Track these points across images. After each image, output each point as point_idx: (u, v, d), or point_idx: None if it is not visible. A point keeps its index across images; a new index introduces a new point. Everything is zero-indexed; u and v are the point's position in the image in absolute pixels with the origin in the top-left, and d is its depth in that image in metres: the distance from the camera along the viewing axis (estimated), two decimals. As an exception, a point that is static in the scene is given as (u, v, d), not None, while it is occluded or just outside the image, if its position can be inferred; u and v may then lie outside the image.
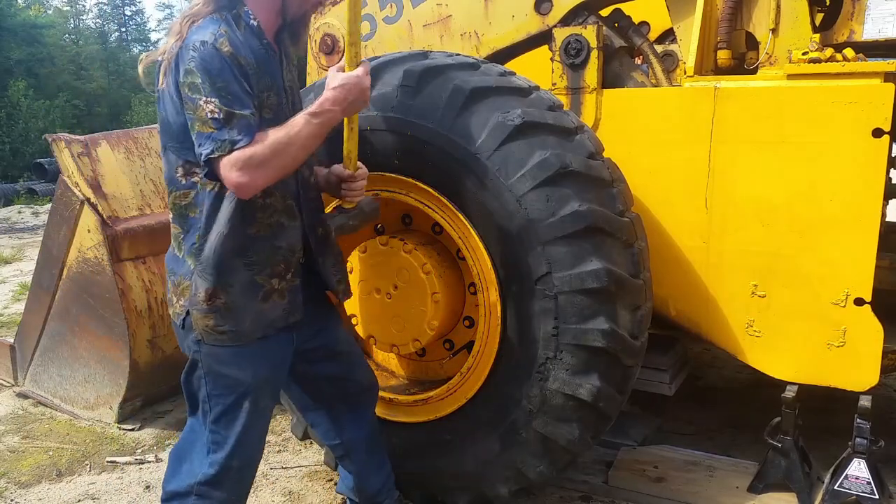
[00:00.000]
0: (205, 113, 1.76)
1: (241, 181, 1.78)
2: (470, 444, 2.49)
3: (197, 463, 2.05)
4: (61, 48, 25.99)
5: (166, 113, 1.90)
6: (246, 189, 1.81)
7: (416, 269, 2.50)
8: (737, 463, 2.94)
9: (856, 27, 2.66)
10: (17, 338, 4.12)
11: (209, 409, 2.03)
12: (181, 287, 1.97)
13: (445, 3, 3.17)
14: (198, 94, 1.77)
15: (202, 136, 1.78)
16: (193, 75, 1.78)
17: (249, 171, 1.78)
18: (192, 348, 2.01)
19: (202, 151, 1.78)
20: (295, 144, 1.82)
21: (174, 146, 1.92)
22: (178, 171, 1.93)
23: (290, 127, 1.83)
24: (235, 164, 1.77)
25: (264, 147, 1.79)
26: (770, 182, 2.53)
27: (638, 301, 2.36)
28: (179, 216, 1.97)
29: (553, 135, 2.30)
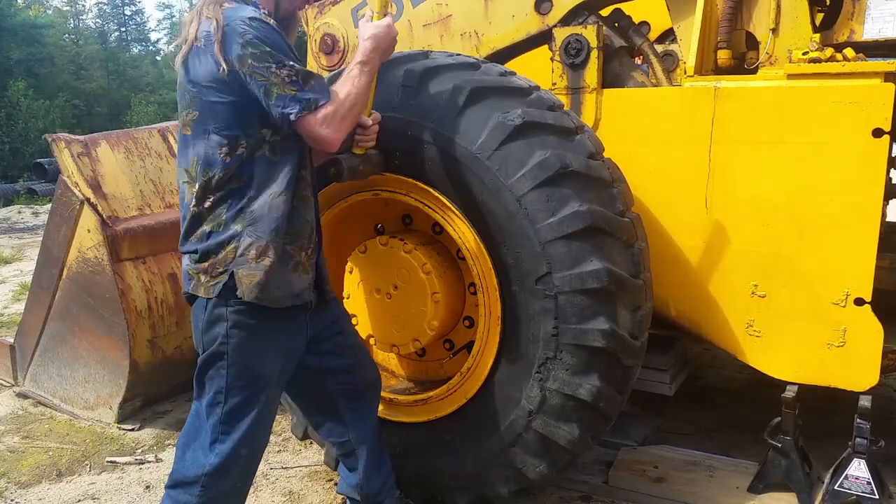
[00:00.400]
0: (281, 77, 1.89)
1: (330, 136, 1.96)
2: (470, 444, 2.49)
3: (202, 452, 2.06)
4: (61, 48, 26.01)
5: (206, 96, 1.95)
6: (334, 142, 1.99)
7: (416, 269, 2.50)
8: (737, 463, 2.94)
9: (856, 27, 2.66)
10: (17, 338, 4.12)
11: (223, 401, 2.04)
12: (224, 253, 1.98)
13: (445, 2, 3.17)
14: (266, 62, 1.89)
15: (284, 99, 1.90)
16: (255, 46, 1.88)
17: (335, 124, 1.96)
18: (218, 339, 2.01)
19: (289, 112, 1.91)
20: (361, 93, 2.03)
21: (218, 126, 1.97)
22: (222, 151, 1.97)
23: (352, 78, 2.02)
24: (323, 120, 1.94)
25: (342, 101, 1.98)
26: (770, 182, 2.53)
27: (638, 301, 2.36)
28: (220, 192, 1.99)
29: (553, 135, 2.30)
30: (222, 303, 2.00)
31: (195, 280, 2.03)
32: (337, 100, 1.97)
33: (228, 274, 1.99)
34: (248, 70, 1.89)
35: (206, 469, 2.05)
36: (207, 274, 2.01)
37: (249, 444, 2.10)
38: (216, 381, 2.05)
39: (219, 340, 2.02)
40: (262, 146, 1.99)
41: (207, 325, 2.03)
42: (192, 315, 2.10)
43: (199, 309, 2.05)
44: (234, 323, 2.01)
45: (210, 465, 2.05)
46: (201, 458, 2.06)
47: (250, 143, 1.98)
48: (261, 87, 1.90)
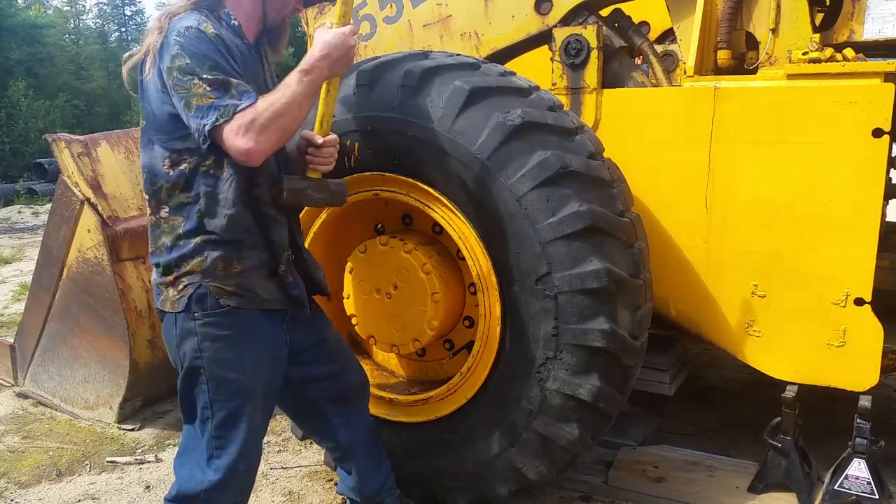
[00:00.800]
0: (202, 88, 1.79)
1: (248, 146, 1.80)
2: (470, 444, 2.49)
3: (199, 469, 2.03)
4: (61, 48, 26.03)
5: (151, 105, 1.92)
6: (253, 155, 1.82)
7: (416, 269, 2.50)
8: (737, 463, 2.94)
9: (856, 27, 2.66)
10: (17, 338, 4.12)
11: (211, 416, 2.00)
12: (189, 266, 1.93)
13: (445, 3, 3.17)
14: (189, 74, 1.80)
15: (202, 109, 1.79)
16: (181, 58, 1.81)
17: (254, 134, 1.79)
18: (191, 354, 1.98)
19: (205, 123, 1.79)
20: (293, 103, 1.83)
21: (160, 138, 1.93)
22: (165, 164, 1.93)
23: (285, 87, 1.85)
24: (239, 130, 1.79)
25: (264, 109, 1.80)
26: (770, 182, 2.53)
27: (638, 301, 2.36)
28: (174, 207, 1.95)
29: (553, 135, 2.30)
30: (189, 316, 1.95)
31: (163, 294, 1.99)
32: (258, 107, 1.80)
33: (195, 287, 1.93)
34: (173, 83, 1.82)
35: (205, 485, 2.02)
36: (173, 287, 1.96)
37: (246, 458, 2.06)
38: (200, 397, 2.01)
39: (192, 355, 1.97)
40: (204, 161, 1.91)
41: (180, 340, 1.98)
42: (164, 332, 2.04)
43: (170, 325, 2.00)
44: (204, 336, 1.95)
45: (209, 480, 2.02)
46: (199, 475, 2.03)
47: (193, 158, 1.91)
48: (181, 100, 1.81)
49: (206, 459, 2.03)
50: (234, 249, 1.96)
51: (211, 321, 1.96)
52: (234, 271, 1.95)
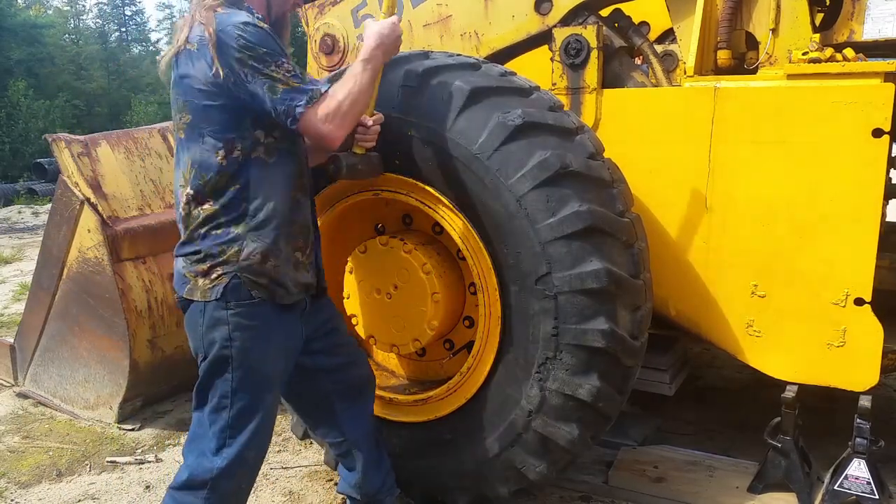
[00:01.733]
0: (282, 73, 1.91)
1: (332, 132, 1.95)
2: (470, 444, 2.49)
3: (207, 456, 2.05)
4: (61, 48, 26.03)
5: (198, 100, 1.96)
6: (336, 139, 1.98)
7: (416, 269, 2.50)
8: (737, 463, 2.94)
9: (856, 27, 2.66)
10: (17, 338, 4.12)
11: (230, 405, 2.04)
12: (225, 256, 1.98)
13: (445, 3, 3.17)
14: (264, 62, 1.90)
15: (290, 92, 1.91)
16: (252, 49, 1.89)
17: (338, 120, 1.95)
18: (220, 343, 2.00)
19: (296, 104, 1.91)
20: (363, 90, 2.02)
21: (213, 129, 1.97)
22: (219, 155, 1.97)
23: (354, 75, 2.01)
24: (325, 116, 1.94)
25: (345, 97, 1.97)
26: (770, 182, 2.53)
27: (638, 301, 2.36)
28: (218, 195, 1.99)
29: (553, 135, 2.30)
30: (221, 305, 1.99)
31: (191, 283, 2.02)
32: (339, 96, 1.96)
33: (230, 276, 1.98)
34: (250, 71, 1.89)
35: (213, 473, 2.04)
36: (206, 277, 2.00)
37: (256, 447, 2.11)
38: (220, 386, 2.04)
39: (221, 344, 2.01)
40: (256, 148, 2.00)
41: (208, 329, 2.01)
42: (188, 321, 2.07)
43: (196, 314, 2.03)
44: (236, 325, 2.00)
45: (218, 468, 2.04)
46: (207, 463, 2.05)
47: (245, 145, 1.98)
48: (264, 84, 1.90)
49: (216, 448, 2.05)
50: (272, 241, 2.02)
51: (243, 311, 2.01)
52: (268, 265, 2.01)
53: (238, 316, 2.00)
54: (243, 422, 2.06)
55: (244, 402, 2.06)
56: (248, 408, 2.06)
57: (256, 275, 2.00)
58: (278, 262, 2.03)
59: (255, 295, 2.01)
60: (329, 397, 2.37)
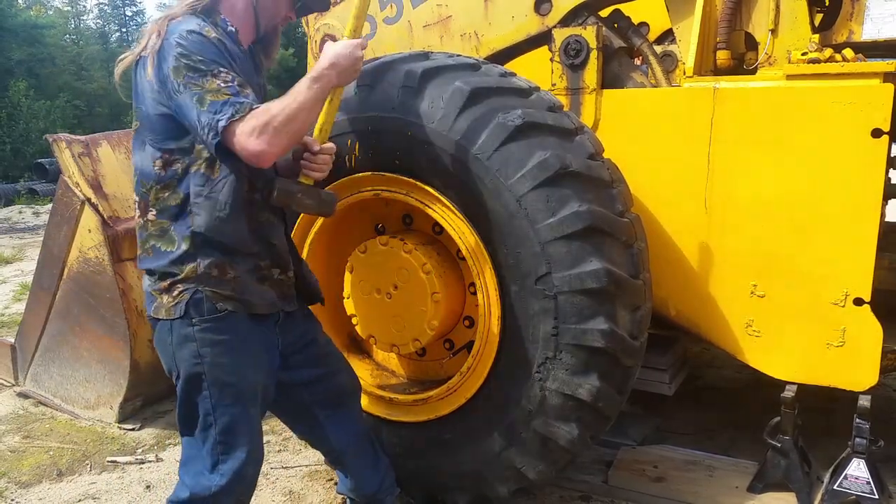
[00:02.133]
0: (216, 84, 1.81)
1: (261, 148, 1.82)
2: (470, 444, 2.50)
3: (205, 475, 2.03)
4: (62, 48, 26.05)
5: (146, 107, 1.93)
6: (266, 157, 1.84)
7: (416, 269, 2.50)
8: (737, 463, 2.94)
9: (855, 27, 2.67)
10: (17, 338, 4.12)
11: (214, 422, 2.00)
12: (182, 273, 1.94)
13: (445, 3, 3.17)
14: (199, 71, 1.82)
15: (216, 105, 1.80)
16: (189, 58, 1.82)
17: (267, 136, 1.81)
18: (190, 361, 1.97)
19: (219, 118, 1.80)
20: (303, 108, 1.87)
21: (153, 138, 1.94)
22: (157, 164, 1.94)
23: (296, 92, 1.88)
24: (253, 131, 1.81)
25: (279, 112, 1.83)
26: (769, 182, 2.53)
27: (637, 301, 2.37)
28: (162, 210, 1.95)
29: (553, 135, 2.30)
30: (187, 322, 1.94)
31: (157, 301, 1.98)
32: (273, 110, 1.83)
33: (191, 292, 1.94)
34: (183, 80, 1.82)
35: (212, 490, 2.02)
36: (168, 294, 1.95)
37: (252, 461, 2.08)
38: (201, 404, 2.01)
39: (192, 362, 1.97)
40: (197, 162, 1.93)
41: (177, 347, 1.97)
42: (158, 340, 2.03)
43: (165, 333, 1.99)
44: (203, 341, 1.95)
45: (217, 485, 2.02)
46: (205, 481, 2.03)
47: (185, 158, 1.92)
48: (194, 95, 1.81)
49: (211, 466, 2.02)
50: (226, 254, 1.96)
51: (209, 326, 1.96)
52: (228, 276, 1.96)
53: (205, 331, 1.95)
54: (232, 436, 2.02)
55: (228, 416, 2.01)
56: (233, 422, 2.02)
57: (218, 286, 1.94)
58: (238, 274, 1.97)
59: (221, 308, 1.95)
60: (311, 409, 2.32)
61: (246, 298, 2.00)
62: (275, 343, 2.13)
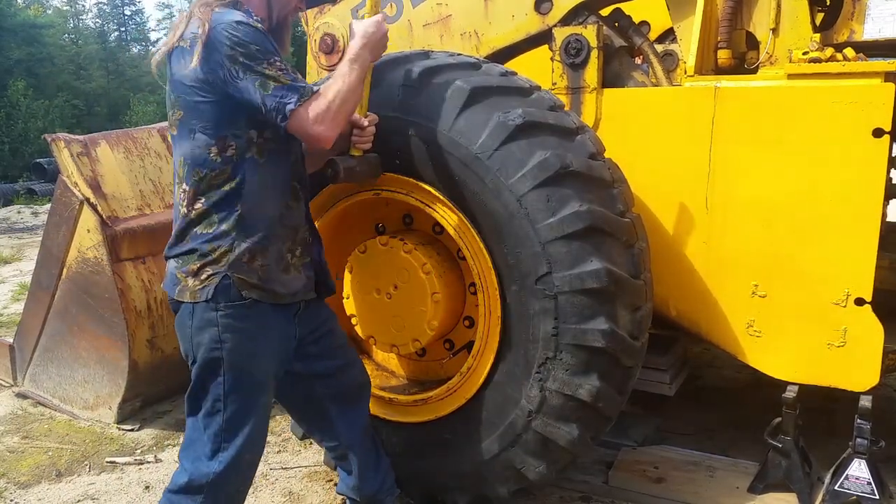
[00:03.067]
0: (274, 71, 1.90)
1: (323, 133, 1.93)
2: (469, 444, 2.49)
3: (203, 461, 2.05)
4: (61, 48, 26.03)
5: (189, 96, 1.95)
6: (327, 139, 1.96)
7: (416, 269, 2.49)
8: (737, 463, 2.94)
9: (856, 27, 2.66)
10: (16, 338, 4.11)
11: (223, 408, 2.03)
12: (216, 255, 1.96)
13: (445, 2, 3.16)
14: (256, 59, 1.89)
15: (281, 90, 1.89)
16: (244, 46, 1.89)
17: (328, 120, 1.93)
18: (209, 345, 1.99)
19: (287, 102, 1.89)
20: (351, 90, 1.99)
21: (205, 126, 1.96)
22: (212, 151, 1.97)
23: (342, 76, 1.99)
24: (316, 116, 1.92)
25: (333, 97, 1.95)
26: (770, 182, 2.52)
27: (638, 301, 2.36)
28: (211, 194, 1.98)
29: (554, 135, 2.29)
30: (211, 307, 1.97)
31: (181, 284, 2.00)
32: (329, 95, 1.95)
33: (220, 277, 1.96)
34: (240, 68, 1.88)
35: (210, 477, 2.04)
36: (196, 277, 1.98)
37: (251, 450, 2.10)
38: (213, 390, 2.03)
39: (211, 346, 1.99)
40: (250, 148, 1.99)
41: (197, 331, 2.00)
42: (178, 322, 2.05)
43: (186, 315, 2.01)
44: (226, 326, 1.98)
45: (214, 472, 2.03)
46: (204, 467, 2.04)
47: (239, 144, 1.97)
48: (255, 80, 1.88)
49: (212, 452, 2.04)
50: (261, 240, 2.01)
51: (232, 312, 1.99)
52: (256, 264, 2.00)
53: (228, 317, 1.98)
54: (237, 425, 2.05)
55: (237, 405, 2.04)
56: (241, 411, 2.05)
57: (246, 274, 1.98)
58: (266, 262, 2.02)
59: (246, 295, 1.99)
60: (323, 402, 2.35)
61: (271, 288, 2.03)
62: (293, 333, 2.17)
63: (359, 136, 2.20)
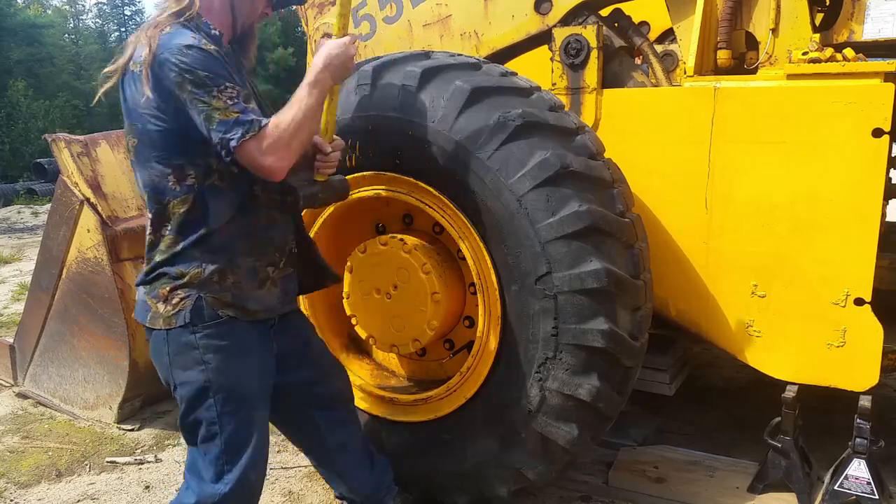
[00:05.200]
0: (222, 101, 1.79)
1: (274, 164, 1.83)
2: (469, 444, 2.49)
3: (210, 484, 2.00)
4: (61, 48, 26.03)
5: (143, 124, 1.88)
6: (279, 170, 1.86)
7: (416, 269, 2.49)
8: (737, 463, 2.94)
9: (856, 27, 2.67)
10: (16, 338, 4.12)
11: (220, 431, 1.98)
12: (186, 278, 1.92)
13: (445, 2, 3.17)
14: (204, 87, 1.79)
15: (226, 124, 1.79)
16: (192, 73, 1.79)
17: (280, 150, 1.82)
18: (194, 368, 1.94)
19: (230, 137, 1.79)
20: (308, 117, 1.88)
21: (160, 155, 1.90)
22: (171, 180, 1.90)
23: (298, 101, 1.88)
24: (267, 148, 1.81)
25: (287, 125, 1.84)
26: (770, 182, 2.53)
27: (638, 302, 2.36)
28: (176, 221, 1.93)
29: (554, 135, 2.30)
30: (189, 330, 1.92)
31: (153, 311, 1.95)
32: (282, 124, 1.83)
33: (193, 299, 1.92)
34: (188, 97, 1.80)
35: (216, 498, 1.99)
36: (167, 303, 1.93)
37: (256, 467, 2.05)
38: (205, 414, 1.98)
39: (197, 369, 1.95)
40: (210, 175, 1.92)
41: (175, 356, 1.95)
42: (153, 349, 2.01)
43: (160, 343, 1.97)
44: (207, 347, 1.94)
45: (221, 494, 1.99)
46: (209, 489, 2.00)
47: (198, 172, 1.90)
48: (201, 112, 1.79)
49: (216, 475, 2.00)
50: (230, 259, 1.96)
51: (212, 332, 1.94)
52: (228, 282, 1.96)
53: (208, 337, 1.93)
54: (237, 445, 2.00)
55: (233, 425, 1.99)
56: (238, 430, 2.00)
57: (218, 293, 1.93)
58: (238, 279, 1.97)
59: (222, 314, 1.94)
60: (304, 410, 2.30)
61: (243, 305, 1.98)
62: (271, 348, 2.12)
63: (322, 162, 2.08)
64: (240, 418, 2.00)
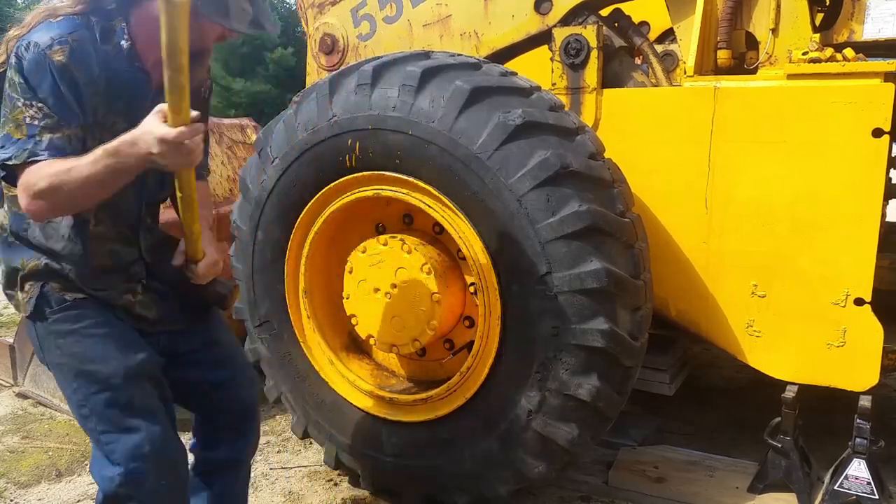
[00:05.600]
0: (23, 116, 1.65)
1: (26, 206, 1.67)
2: (469, 444, 2.49)
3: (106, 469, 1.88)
4: (61, 48, 25.93)
5: None
6: (34, 215, 1.72)
7: (416, 269, 2.49)
8: (737, 463, 2.94)
9: (856, 27, 2.67)
10: (16, 338, 4.12)
11: (90, 413, 1.88)
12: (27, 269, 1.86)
13: (445, 2, 3.17)
14: (18, 93, 1.66)
15: (8, 139, 1.65)
16: (17, 76, 1.67)
17: (31, 197, 1.64)
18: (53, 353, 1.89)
19: (2, 154, 1.65)
20: (78, 185, 1.62)
21: None
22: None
23: (80, 164, 1.62)
24: (23, 185, 1.65)
25: (50, 180, 1.62)
26: (770, 182, 2.53)
27: (638, 302, 2.36)
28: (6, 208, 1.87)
29: (554, 135, 2.30)
30: (41, 317, 1.88)
31: (15, 299, 1.93)
32: (50, 170, 1.62)
33: (39, 286, 1.86)
34: (6, 94, 1.67)
35: (116, 482, 1.86)
36: (22, 290, 1.89)
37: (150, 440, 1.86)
38: (73, 397, 1.91)
39: (56, 354, 1.90)
40: None
41: (41, 342, 1.92)
42: (29, 337, 1.98)
43: (30, 328, 1.94)
44: (59, 333, 1.88)
45: (118, 474, 1.85)
46: (107, 473, 1.87)
47: None
48: (3, 115, 1.68)
49: (105, 455, 1.88)
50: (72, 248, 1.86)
51: (59, 317, 1.87)
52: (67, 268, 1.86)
53: (58, 322, 1.87)
54: (114, 423, 1.87)
55: (101, 404, 1.87)
56: (108, 409, 1.87)
57: (64, 278, 1.86)
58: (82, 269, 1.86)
59: (69, 297, 1.87)
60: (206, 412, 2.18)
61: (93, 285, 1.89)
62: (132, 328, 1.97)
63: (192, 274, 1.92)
64: (107, 397, 1.87)
